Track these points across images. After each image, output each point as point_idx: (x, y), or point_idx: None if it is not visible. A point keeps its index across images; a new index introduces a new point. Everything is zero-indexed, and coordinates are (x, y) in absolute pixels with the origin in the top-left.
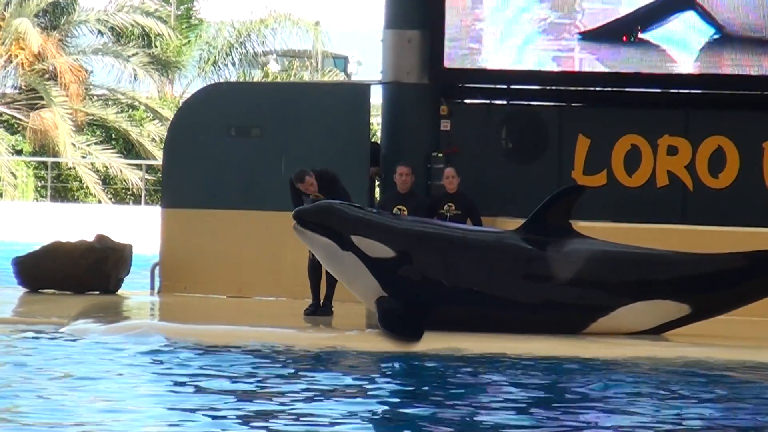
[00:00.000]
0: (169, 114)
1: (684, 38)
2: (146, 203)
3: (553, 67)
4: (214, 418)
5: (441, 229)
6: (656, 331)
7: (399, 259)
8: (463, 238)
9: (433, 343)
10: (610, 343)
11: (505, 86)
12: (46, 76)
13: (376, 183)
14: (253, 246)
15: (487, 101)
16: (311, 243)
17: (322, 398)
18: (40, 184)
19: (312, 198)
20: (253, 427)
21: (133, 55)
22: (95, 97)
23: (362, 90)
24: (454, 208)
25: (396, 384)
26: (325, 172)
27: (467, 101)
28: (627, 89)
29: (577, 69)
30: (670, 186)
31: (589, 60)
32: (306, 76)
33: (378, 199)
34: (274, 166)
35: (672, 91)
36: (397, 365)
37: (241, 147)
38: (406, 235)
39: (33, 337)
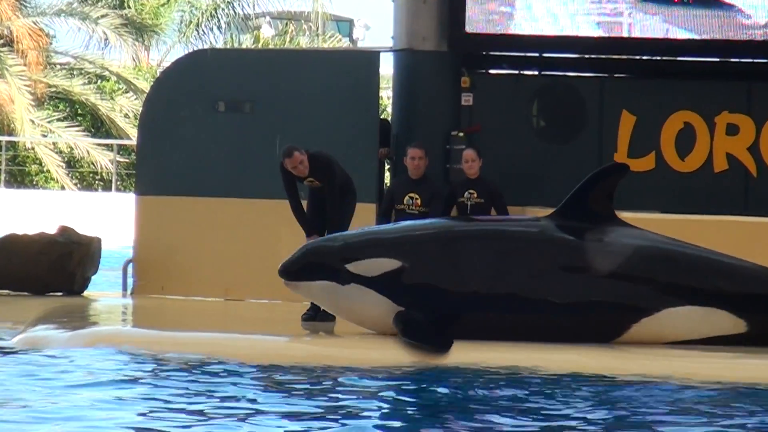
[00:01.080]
0: (145, 86)
1: None
2: (118, 190)
3: (594, 32)
4: None
5: (445, 223)
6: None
7: (406, 267)
8: (480, 230)
9: (451, 354)
10: (660, 354)
11: (536, 54)
12: (1, 41)
13: (386, 166)
14: (243, 240)
15: (516, 72)
16: (309, 293)
17: (324, 419)
18: None
19: (306, 184)
20: None
21: (103, 16)
22: (58, 66)
23: (370, 59)
24: (476, 195)
25: (410, 404)
26: (319, 154)
27: (492, 72)
28: (680, 58)
29: (622, 34)
30: (729, 171)
31: (635, 24)
32: (304, 42)
33: (387, 185)
34: (268, 147)
35: (732, 60)
36: (410, 381)
37: (230, 125)
38: (405, 239)
39: None
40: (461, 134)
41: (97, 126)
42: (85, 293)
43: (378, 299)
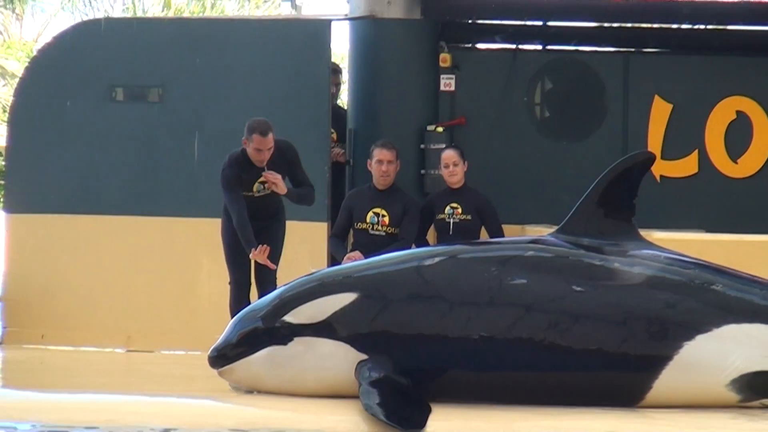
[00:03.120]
0: (18, 68)
1: None
2: None
3: None
4: None
5: (415, 252)
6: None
7: (363, 300)
8: (465, 256)
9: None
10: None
11: (540, 23)
12: None
13: (346, 170)
14: (150, 272)
15: (513, 46)
16: (251, 371)
17: None
18: None
19: (264, 176)
20: None
21: None
22: None
23: (318, 29)
24: (460, 211)
25: None
26: (282, 141)
27: (481, 46)
28: (730, 27)
29: None
30: None
31: None
32: (230, 9)
33: (347, 196)
34: (182, 149)
35: None
36: None
37: (132, 118)
38: (358, 272)
39: None
40: (440, 130)
41: None
42: None
43: (332, 348)
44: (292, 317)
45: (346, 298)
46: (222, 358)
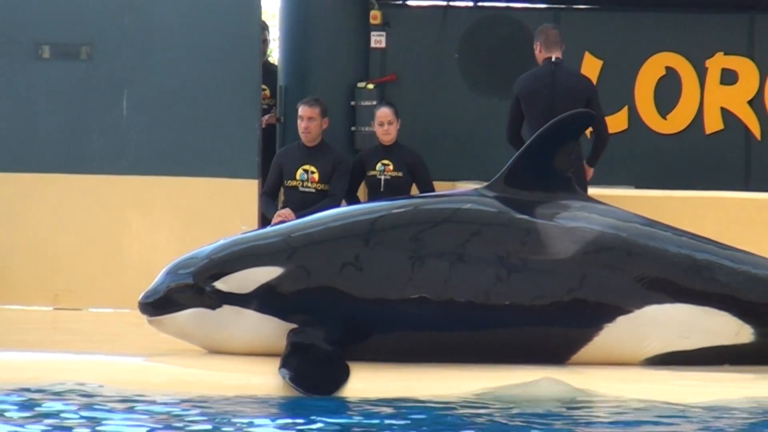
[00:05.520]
0: None
1: None
2: None
3: None
4: None
5: (344, 211)
6: (699, 360)
7: (290, 274)
8: (393, 214)
9: (362, 384)
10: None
11: None
12: None
13: (277, 127)
14: (77, 230)
15: (444, 2)
16: (179, 327)
17: None
18: None
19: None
20: None
21: None
22: None
23: None
24: (391, 168)
25: None
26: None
27: (411, 3)
28: None
29: None
30: (725, 132)
31: None
32: None
33: (277, 154)
34: (111, 107)
35: None
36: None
37: (60, 77)
38: (287, 239)
39: None
40: (371, 86)
41: None
42: None
43: (259, 321)
44: (221, 284)
45: (273, 272)
46: (152, 307)
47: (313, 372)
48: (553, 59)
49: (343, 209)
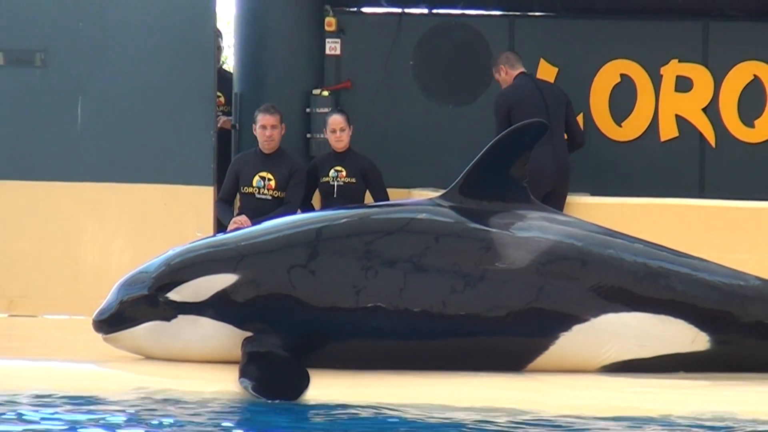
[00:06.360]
0: None
1: None
2: None
3: None
4: None
5: (297, 219)
6: (655, 368)
7: (244, 282)
8: (345, 222)
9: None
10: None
11: None
12: None
13: (232, 134)
14: (32, 236)
15: (399, 10)
16: (135, 342)
17: None
18: None
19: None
20: None
21: None
22: None
23: None
24: (344, 174)
25: None
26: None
27: (367, 10)
28: None
29: None
30: (680, 140)
31: None
32: None
33: (233, 160)
34: (65, 114)
35: None
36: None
37: (13, 82)
38: (240, 245)
39: None
40: (326, 93)
41: None
42: None
43: (215, 329)
44: (175, 294)
45: (227, 279)
46: (106, 324)
47: (274, 378)
48: (525, 72)
49: (298, 216)
